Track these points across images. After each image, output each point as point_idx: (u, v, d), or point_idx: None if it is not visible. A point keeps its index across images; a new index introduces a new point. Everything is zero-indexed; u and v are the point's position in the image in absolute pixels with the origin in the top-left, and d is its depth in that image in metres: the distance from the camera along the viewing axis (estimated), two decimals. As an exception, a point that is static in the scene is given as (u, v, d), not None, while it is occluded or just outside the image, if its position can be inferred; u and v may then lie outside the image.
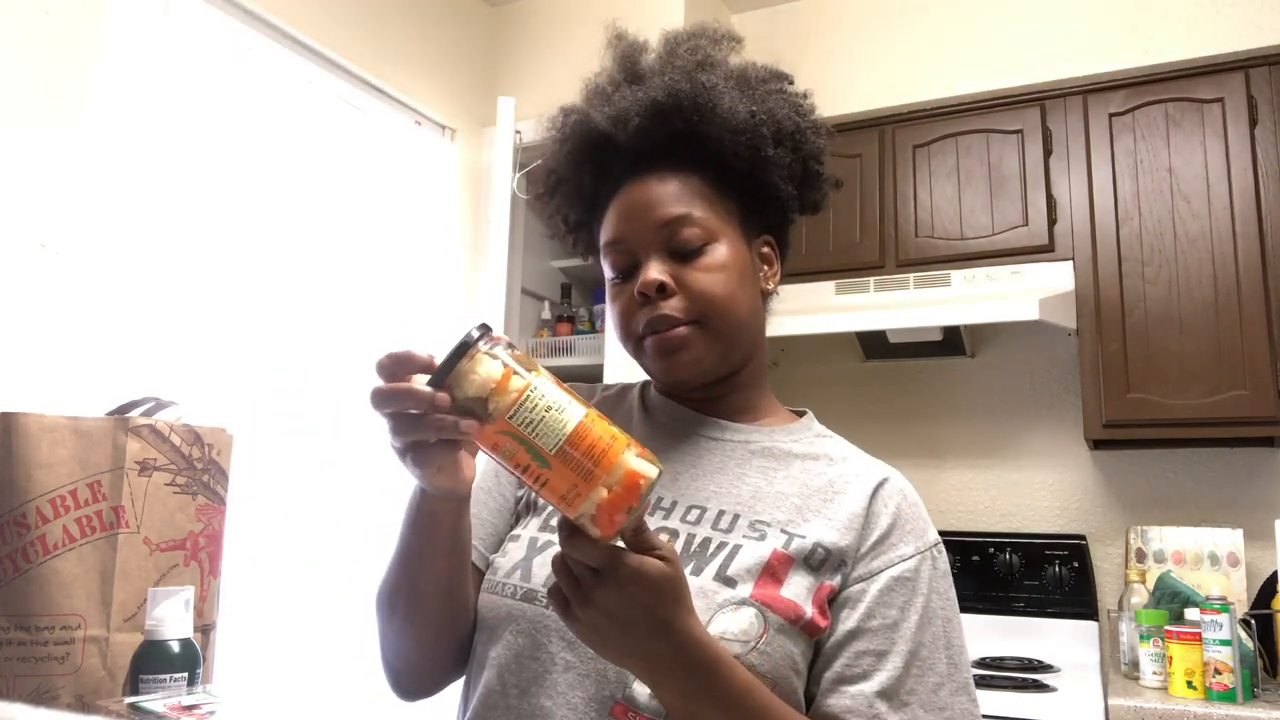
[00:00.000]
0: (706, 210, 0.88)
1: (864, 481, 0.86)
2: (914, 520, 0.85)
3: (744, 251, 0.90)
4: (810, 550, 0.81)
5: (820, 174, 0.96)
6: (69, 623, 0.94)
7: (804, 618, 0.78)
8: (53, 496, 0.95)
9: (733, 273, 0.87)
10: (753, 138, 0.89)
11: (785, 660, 0.77)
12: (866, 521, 0.83)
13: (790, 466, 0.89)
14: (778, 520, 0.83)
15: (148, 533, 0.99)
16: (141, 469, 1.00)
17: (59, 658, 0.93)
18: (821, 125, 0.96)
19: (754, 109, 0.89)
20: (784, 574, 0.80)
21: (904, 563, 0.82)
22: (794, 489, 0.86)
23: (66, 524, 0.95)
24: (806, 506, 0.84)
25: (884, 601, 0.80)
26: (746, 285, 0.89)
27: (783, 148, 0.91)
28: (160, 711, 0.74)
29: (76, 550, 0.95)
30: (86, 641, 0.94)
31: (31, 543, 0.94)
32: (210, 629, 1.09)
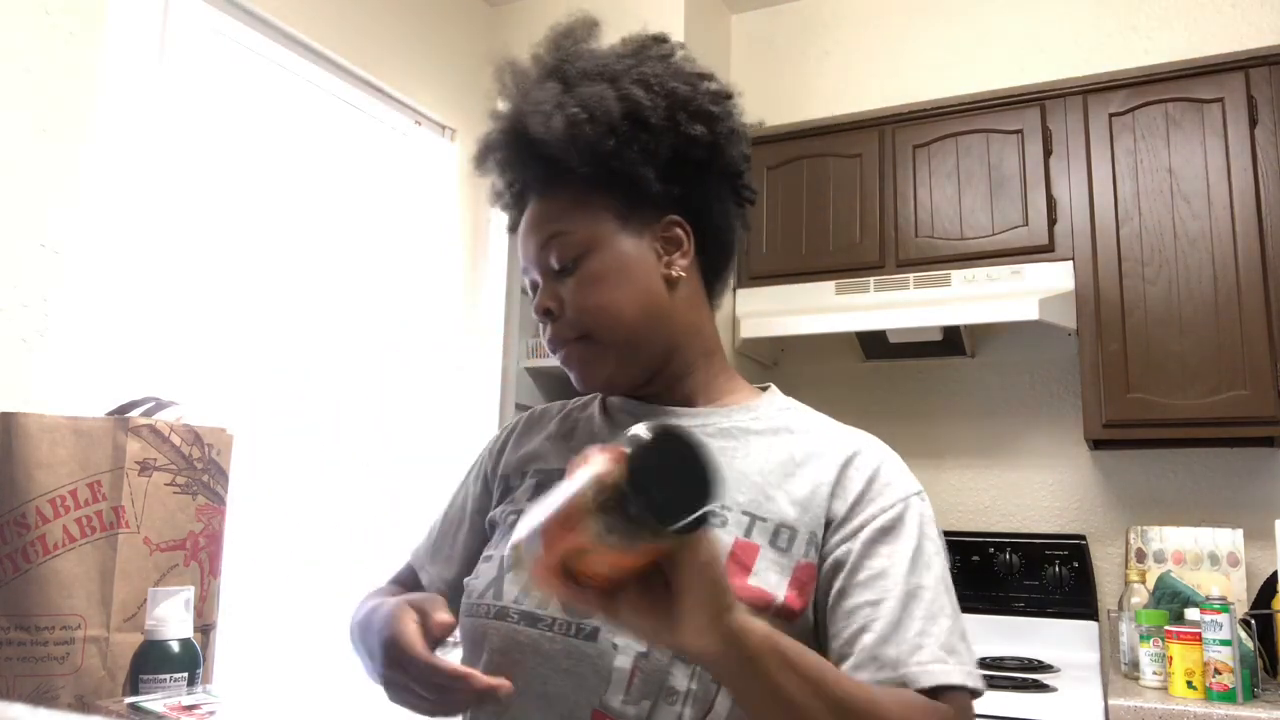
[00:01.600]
0: (576, 221, 0.87)
1: (832, 453, 0.84)
2: (891, 474, 0.83)
3: (627, 249, 0.87)
4: (774, 531, 0.80)
5: (694, 130, 0.87)
6: (69, 623, 0.94)
7: (774, 603, 0.77)
8: (53, 496, 0.95)
9: (610, 278, 0.86)
10: (582, 139, 0.85)
11: None
12: (837, 490, 0.81)
13: (749, 445, 0.86)
14: (738, 504, 0.81)
15: (148, 533, 0.99)
16: (141, 469, 1.00)
17: (59, 658, 0.93)
18: (687, 73, 0.89)
19: (574, 111, 0.85)
20: (750, 561, 0.78)
21: (884, 514, 0.80)
22: (754, 467, 0.84)
23: (66, 524, 0.95)
24: (767, 484, 0.83)
25: (869, 553, 0.78)
26: (632, 284, 0.86)
27: (631, 126, 0.85)
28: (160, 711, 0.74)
29: (76, 550, 0.95)
30: (86, 641, 0.94)
31: (31, 543, 0.94)
32: (210, 629, 1.09)
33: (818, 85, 2.62)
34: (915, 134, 2.47)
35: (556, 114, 0.85)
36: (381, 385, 2.31)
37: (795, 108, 2.62)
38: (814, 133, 2.60)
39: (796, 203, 2.57)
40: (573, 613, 0.79)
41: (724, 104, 0.89)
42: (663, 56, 0.91)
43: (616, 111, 0.85)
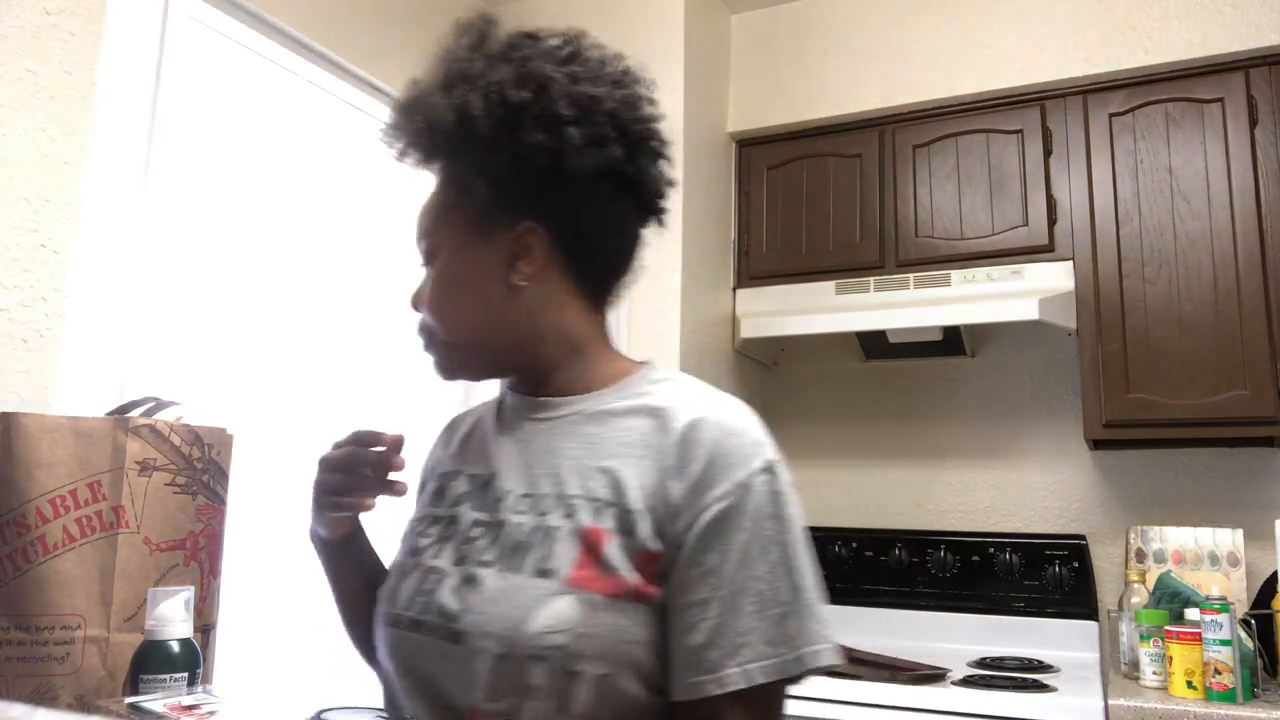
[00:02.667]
0: (436, 223, 0.93)
1: (675, 429, 0.83)
2: (731, 453, 0.82)
3: (472, 256, 0.90)
4: (622, 516, 0.81)
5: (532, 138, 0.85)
6: (69, 623, 0.94)
7: (627, 587, 0.78)
8: (53, 496, 0.95)
9: (451, 284, 0.91)
10: (424, 148, 0.89)
11: (615, 635, 0.78)
12: (676, 472, 0.81)
13: (609, 430, 0.87)
14: (589, 490, 0.83)
15: (148, 533, 0.99)
16: (141, 469, 1.00)
17: (59, 658, 0.93)
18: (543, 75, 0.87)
19: (418, 120, 0.88)
20: (602, 547, 0.80)
21: (719, 502, 0.79)
22: (608, 453, 0.85)
23: (66, 524, 0.95)
24: (620, 467, 0.83)
25: (700, 548, 0.79)
26: (469, 291, 0.90)
27: (463, 136, 0.86)
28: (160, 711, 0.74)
29: (76, 550, 0.95)
30: (86, 641, 0.94)
31: (31, 543, 0.94)
32: (210, 629, 1.09)
33: (818, 85, 2.62)
34: (915, 134, 2.47)
35: (411, 120, 0.89)
36: (381, 385, 2.31)
37: (795, 108, 2.62)
38: (814, 133, 2.60)
39: (796, 203, 2.57)
40: (444, 616, 0.83)
41: (588, 108, 0.87)
42: (535, 57, 0.89)
43: (449, 123, 0.86)
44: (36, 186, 1.53)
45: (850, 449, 2.73)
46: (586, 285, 0.92)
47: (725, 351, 2.58)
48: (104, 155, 1.65)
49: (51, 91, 1.56)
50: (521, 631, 0.77)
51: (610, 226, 0.92)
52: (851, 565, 2.55)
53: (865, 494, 2.70)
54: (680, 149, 2.40)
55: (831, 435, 2.77)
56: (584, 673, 0.76)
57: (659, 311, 2.36)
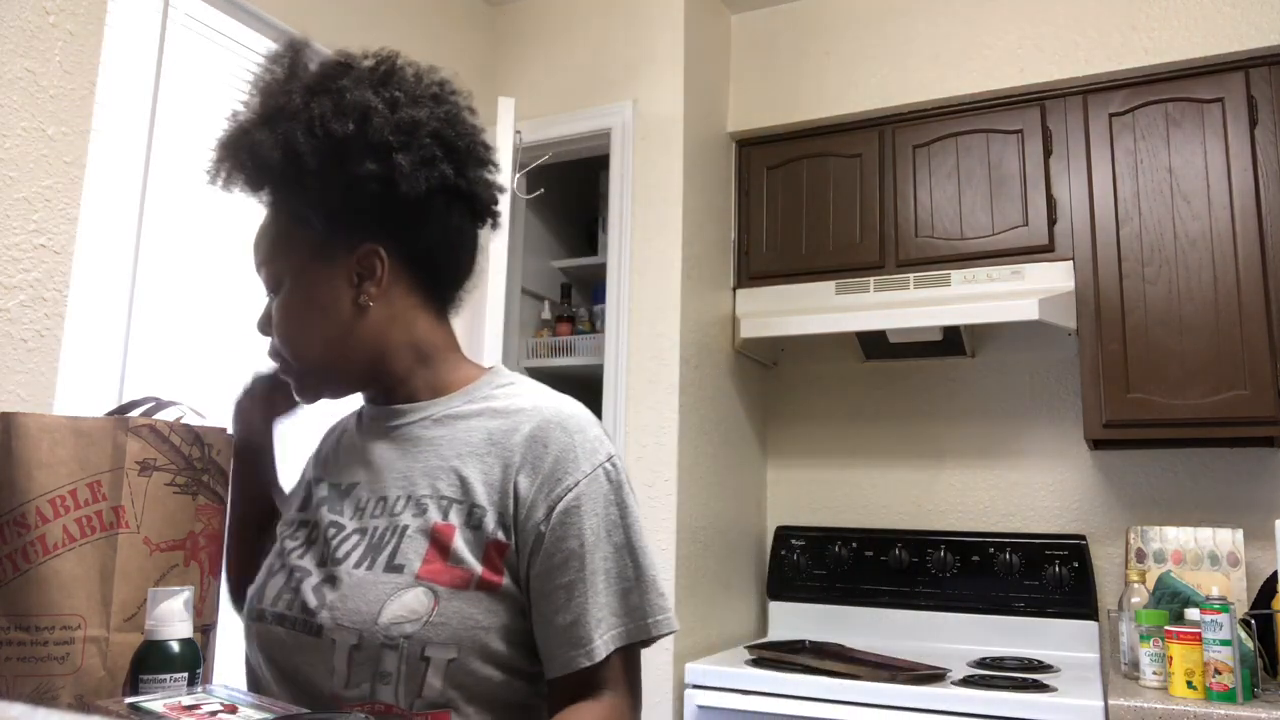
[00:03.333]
0: (276, 253, 0.94)
1: (523, 430, 0.90)
2: (576, 448, 0.89)
3: (316, 282, 0.92)
4: (469, 512, 0.87)
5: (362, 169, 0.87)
6: (69, 623, 0.94)
7: (474, 578, 0.85)
8: (52, 496, 0.95)
9: (297, 312, 0.93)
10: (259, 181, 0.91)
11: (464, 623, 0.84)
12: (523, 468, 0.88)
13: (456, 432, 0.92)
14: (438, 490, 0.89)
15: (148, 533, 0.99)
16: (141, 469, 1.00)
17: (59, 658, 0.93)
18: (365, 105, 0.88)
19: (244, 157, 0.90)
20: (449, 541, 0.86)
21: (569, 493, 0.87)
22: (453, 452, 0.91)
23: (66, 524, 0.95)
24: (464, 466, 0.89)
25: (559, 535, 0.86)
26: (315, 316, 0.92)
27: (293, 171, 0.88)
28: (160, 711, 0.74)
29: (76, 550, 0.95)
30: (86, 641, 0.94)
31: (31, 543, 0.94)
32: (210, 629, 1.09)
33: (818, 85, 2.62)
34: (915, 134, 2.47)
35: (236, 156, 0.91)
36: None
37: (795, 108, 2.62)
38: (814, 133, 2.60)
39: (796, 203, 2.57)
40: (305, 612, 0.88)
41: (412, 132, 0.89)
42: (352, 85, 0.89)
43: (276, 159, 0.88)
44: (36, 186, 1.53)
45: (850, 449, 2.73)
46: (431, 296, 0.97)
47: (725, 351, 2.58)
48: (104, 155, 1.65)
49: (51, 91, 1.56)
50: (373, 623, 0.84)
51: (448, 239, 0.96)
52: (851, 565, 2.55)
53: (865, 494, 2.70)
54: (680, 149, 2.40)
55: (832, 435, 2.77)
56: (433, 658, 0.83)
57: (659, 311, 2.36)
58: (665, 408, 2.31)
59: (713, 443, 2.48)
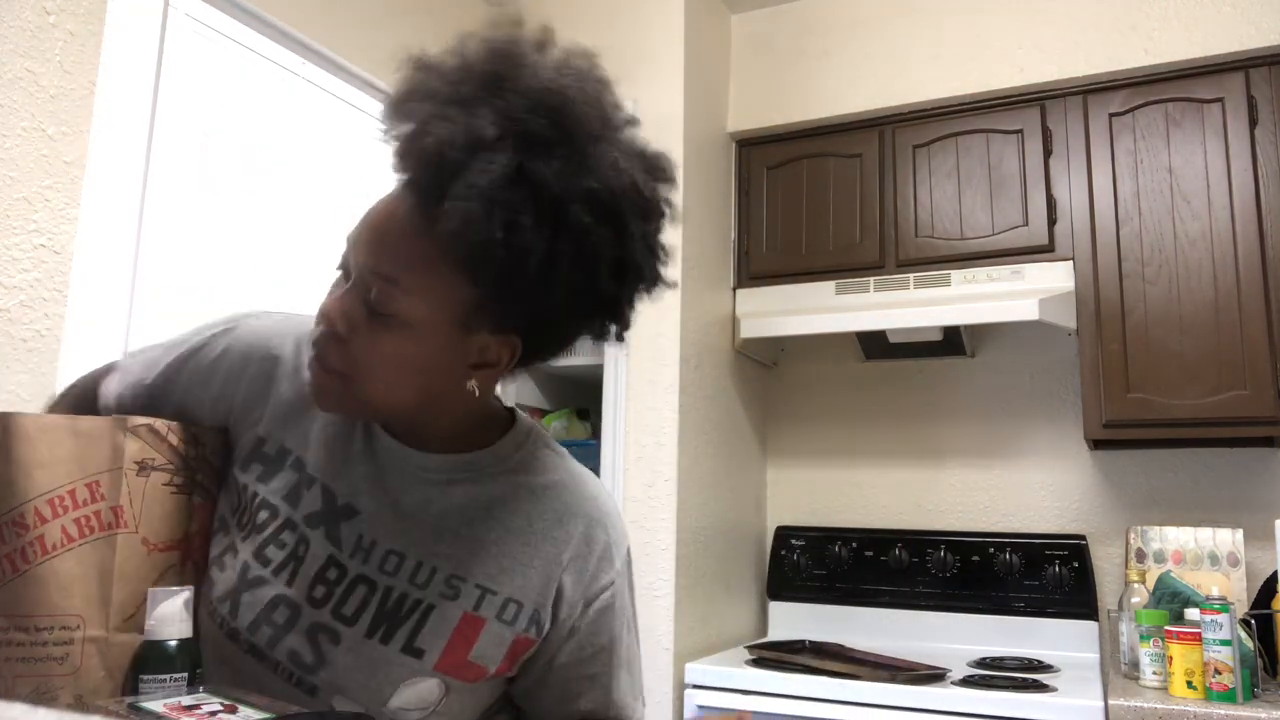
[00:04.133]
0: (418, 285, 0.74)
1: (564, 524, 0.87)
2: (613, 547, 0.90)
3: (443, 347, 0.76)
4: (502, 606, 0.84)
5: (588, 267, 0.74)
6: (68, 623, 0.94)
7: (489, 675, 0.84)
8: (51, 497, 0.95)
9: (405, 365, 0.76)
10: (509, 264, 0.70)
11: (464, 709, 0.84)
12: (573, 564, 0.87)
13: (494, 506, 0.85)
14: (473, 574, 0.83)
15: (146, 533, 0.99)
16: (140, 469, 1.00)
17: (58, 658, 0.93)
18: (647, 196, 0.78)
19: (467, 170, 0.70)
20: (475, 635, 0.83)
21: (605, 591, 0.89)
22: (494, 535, 0.84)
23: (65, 524, 0.95)
24: (505, 554, 0.84)
25: (593, 631, 0.89)
26: (419, 379, 0.77)
27: (551, 231, 0.71)
28: (160, 711, 0.73)
29: (75, 550, 0.95)
30: (86, 642, 0.94)
31: (30, 543, 0.93)
32: (209, 629, 1.08)
33: (818, 85, 2.62)
34: (915, 134, 2.47)
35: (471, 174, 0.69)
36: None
37: (795, 108, 2.62)
38: (814, 133, 2.60)
39: (796, 203, 2.57)
40: (297, 664, 0.81)
41: (650, 258, 0.79)
42: (620, 192, 0.74)
43: (530, 260, 0.70)
44: (36, 186, 1.53)
45: (850, 449, 2.73)
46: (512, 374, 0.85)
47: (725, 351, 2.58)
48: (104, 155, 1.65)
49: (51, 91, 1.56)
50: (380, 705, 0.80)
51: (571, 342, 0.83)
52: (851, 565, 2.55)
53: (865, 494, 2.69)
54: (680, 149, 2.40)
55: (831, 435, 2.77)
56: None
57: (659, 311, 2.36)
58: (665, 408, 2.31)
59: (713, 443, 2.48)
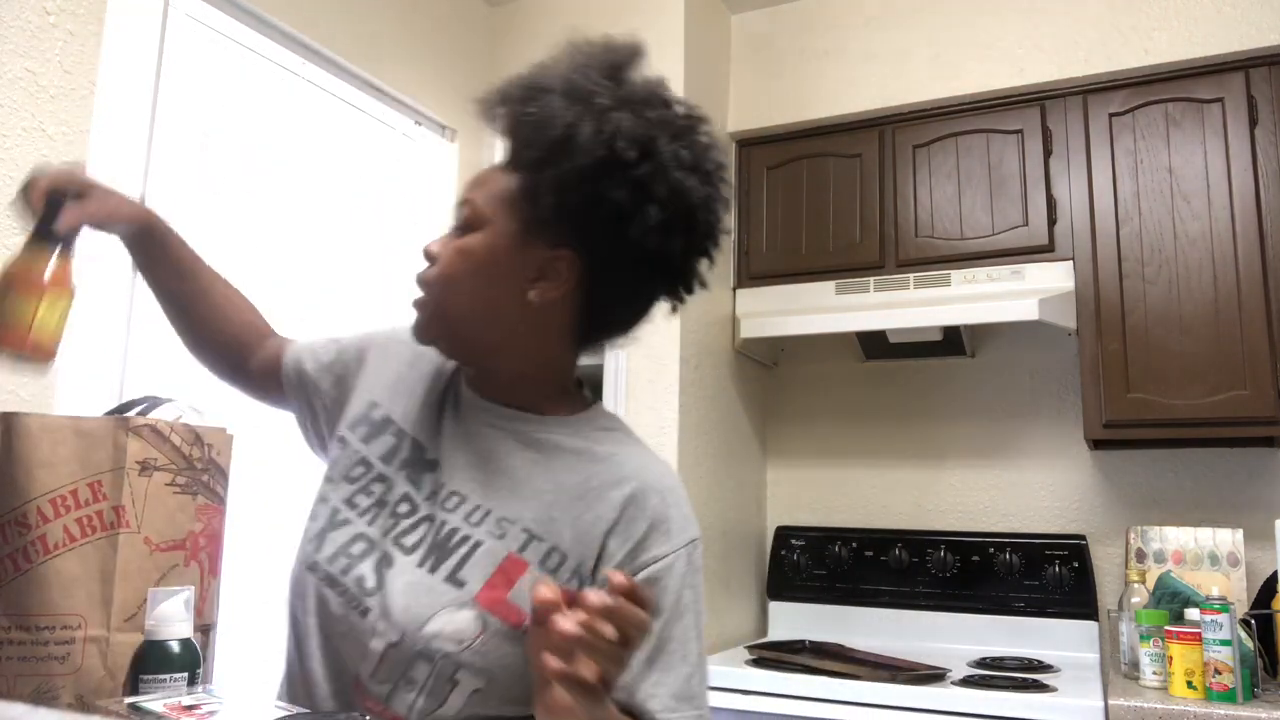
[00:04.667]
0: (489, 200, 0.91)
1: (619, 486, 0.89)
2: (670, 522, 0.89)
3: (506, 252, 0.89)
4: (546, 554, 0.86)
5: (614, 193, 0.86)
6: (69, 622, 0.94)
7: (526, 621, 0.82)
8: (53, 496, 0.95)
9: (474, 263, 0.90)
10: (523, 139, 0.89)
11: (501, 661, 0.83)
12: (616, 529, 0.87)
13: (554, 461, 0.92)
14: (523, 519, 0.88)
15: (148, 533, 0.99)
16: (142, 469, 1.00)
17: (59, 658, 0.93)
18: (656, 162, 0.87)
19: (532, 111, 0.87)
20: (516, 575, 0.85)
21: (654, 564, 0.87)
22: (550, 486, 0.89)
23: (67, 524, 0.95)
24: (556, 505, 0.88)
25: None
26: (486, 279, 0.90)
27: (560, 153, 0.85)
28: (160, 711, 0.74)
29: (77, 550, 0.95)
30: (87, 641, 0.94)
31: (32, 542, 0.94)
32: (210, 629, 1.09)
33: (818, 85, 2.61)
34: (915, 134, 2.47)
35: (524, 105, 0.88)
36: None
37: (795, 108, 2.62)
38: (814, 133, 2.60)
39: (796, 203, 2.57)
40: (359, 587, 0.86)
41: (676, 197, 0.87)
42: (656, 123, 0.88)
43: (555, 133, 0.85)
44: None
45: (850, 449, 2.73)
46: (583, 331, 0.95)
47: (725, 351, 2.58)
48: (104, 155, 1.65)
49: (51, 91, 1.56)
50: (417, 629, 0.82)
51: (636, 299, 0.95)
52: (851, 565, 2.55)
53: (865, 494, 2.70)
54: (680, 149, 2.39)
55: (831, 435, 2.77)
56: (461, 682, 0.82)
57: (658, 311, 2.35)
58: (665, 408, 2.31)
59: (713, 443, 2.48)
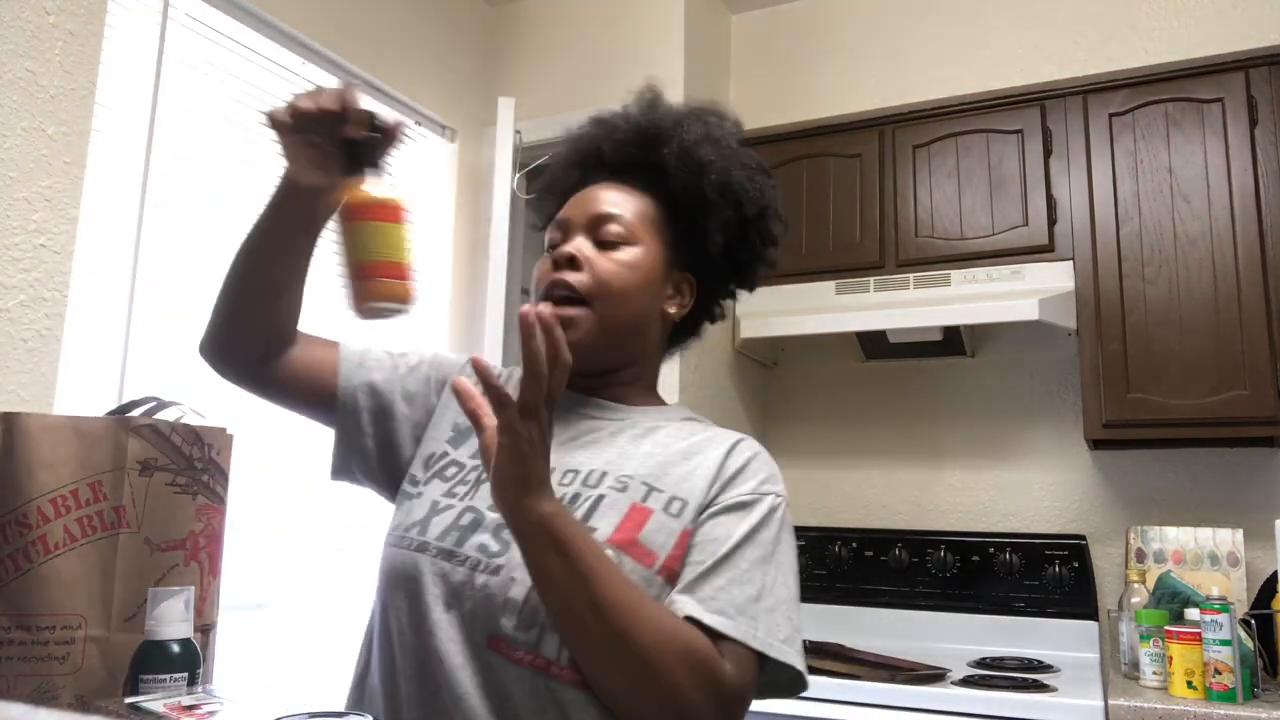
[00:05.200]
0: (636, 220, 1.01)
1: (720, 443, 0.96)
2: (761, 469, 0.95)
3: (658, 267, 1.01)
4: (668, 501, 0.90)
5: (756, 245, 1.07)
6: (70, 622, 0.94)
7: (657, 563, 0.86)
8: (54, 496, 0.95)
9: (637, 274, 0.99)
10: (699, 177, 1.01)
11: None
12: (719, 471, 0.93)
13: (655, 434, 0.98)
14: (640, 474, 0.92)
15: (148, 533, 0.99)
16: (142, 469, 1.00)
17: (59, 657, 0.93)
18: (778, 214, 1.09)
19: (713, 159, 1.02)
20: (643, 521, 0.88)
21: (739, 495, 0.91)
22: (658, 450, 0.95)
23: (67, 524, 0.95)
24: (668, 462, 0.93)
25: (711, 523, 0.89)
26: (646, 292, 1.00)
27: (726, 202, 1.02)
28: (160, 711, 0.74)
29: (77, 550, 0.95)
30: (87, 641, 0.94)
31: (33, 542, 0.94)
32: (210, 629, 1.09)
33: (818, 85, 2.62)
34: (915, 134, 2.47)
35: (706, 149, 1.02)
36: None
37: (795, 108, 2.62)
38: (814, 133, 2.60)
39: (796, 203, 2.57)
40: (484, 552, 0.88)
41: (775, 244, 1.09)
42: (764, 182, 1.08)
43: (740, 191, 1.03)
44: (36, 186, 1.53)
45: (850, 449, 2.73)
46: (676, 343, 1.12)
47: (725, 351, 2.58)
48: (104, 155, 1.65)
49: (51, 91, 1.56)
50: None
51: (716, 313, 1.13)
52: (851, 565, 2.55)
53: (865, 494, 2.70)
54: (680, 149, 2.40)
55: (831, 435, 2.77)
56: None
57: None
58: (665, 408, 2.31)
59: (713, 443, 2.48)
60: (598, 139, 1.07)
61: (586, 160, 1.08)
